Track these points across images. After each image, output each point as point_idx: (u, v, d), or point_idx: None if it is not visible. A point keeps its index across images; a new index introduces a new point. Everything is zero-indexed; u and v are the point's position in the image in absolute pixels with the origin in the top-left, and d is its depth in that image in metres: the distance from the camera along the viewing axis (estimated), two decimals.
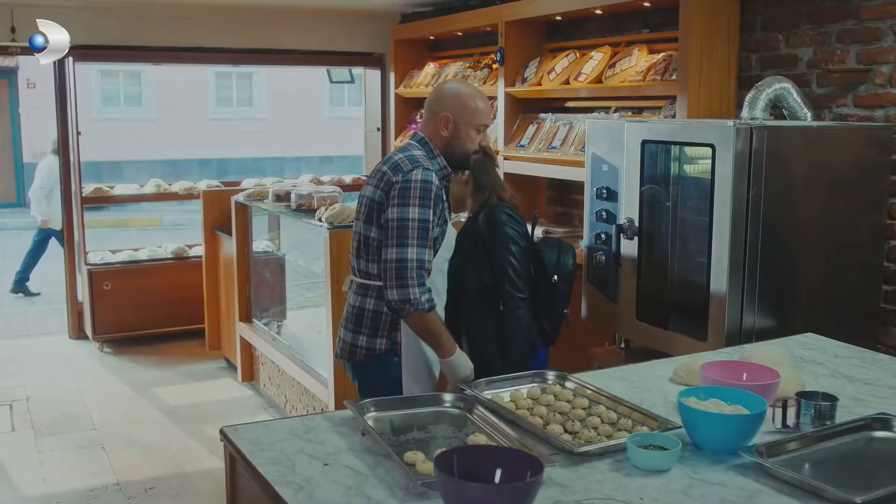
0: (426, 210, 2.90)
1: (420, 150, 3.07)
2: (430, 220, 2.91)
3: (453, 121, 3.07)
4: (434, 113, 3.11)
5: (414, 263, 2.86)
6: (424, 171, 2.94)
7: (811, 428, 2.26)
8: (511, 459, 1.89)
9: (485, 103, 3.14)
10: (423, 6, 7.10)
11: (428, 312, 2.90)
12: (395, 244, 2.87)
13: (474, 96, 3.13)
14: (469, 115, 3.08)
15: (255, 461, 2.09)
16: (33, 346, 7.30)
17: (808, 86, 4.15)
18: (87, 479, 4.69)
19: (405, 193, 2.90)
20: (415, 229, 2.87)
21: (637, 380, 2.76)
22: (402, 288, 2.85)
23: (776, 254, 3.49)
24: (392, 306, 2.90)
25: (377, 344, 3.08)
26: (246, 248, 6.10)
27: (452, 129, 3.08)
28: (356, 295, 3.12)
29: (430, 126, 3.12)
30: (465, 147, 3.11)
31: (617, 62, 5.00)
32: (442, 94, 3.16)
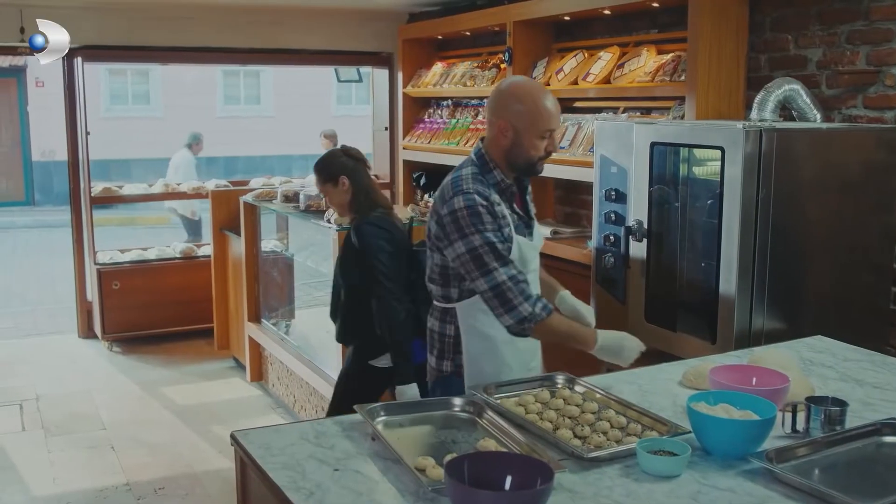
0: (485, 233, 2.75)
1: (473, 167, 2.87)
2: (493, 240, 2.76)
3: (513, 129, 2.81)
4: (492, 119, 2.86)
5: (509, 283, 2.75)
6: (465, 196, 2.77)
7: (821, 433, 2.26)
8: (521, 466, 1.90)
9: (551, 105, 2.82)
10: (430, 6, 7.10)
11: (549, 319, 2.80)
12: (479, 275, 2.77)
13: (537, 99, 2.81)
14: (532, 121, 2.80)
15: (266, 466, 2.10)
16: (43, 346, 7.33)
17: (817, 87, 4.14)
18: (97, 479, 4.71)
19: (458, 225, 2.77)
20: (488, 253, 2.75)
21: (646, 383, 2.76)
22: (512, 310, 2.76)
23: (785, 256, 3.49)
24: (513, 331, 2.81)
25: (444, 366, 3.00)
26: (254, 248, 6.12)
27: (513, 138, 2.82)
28: (428, 316, 3.07)
29: (490, 134, 2.88)
30: (528, 155, 2.84)
31: (625, 62, 4.99)
32: (501, 99, 2.86)
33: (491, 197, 2.81)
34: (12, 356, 7.02)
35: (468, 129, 6.53)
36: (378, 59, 7.80)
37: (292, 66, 10.09)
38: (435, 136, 6.91)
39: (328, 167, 3.89)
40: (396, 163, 7.62)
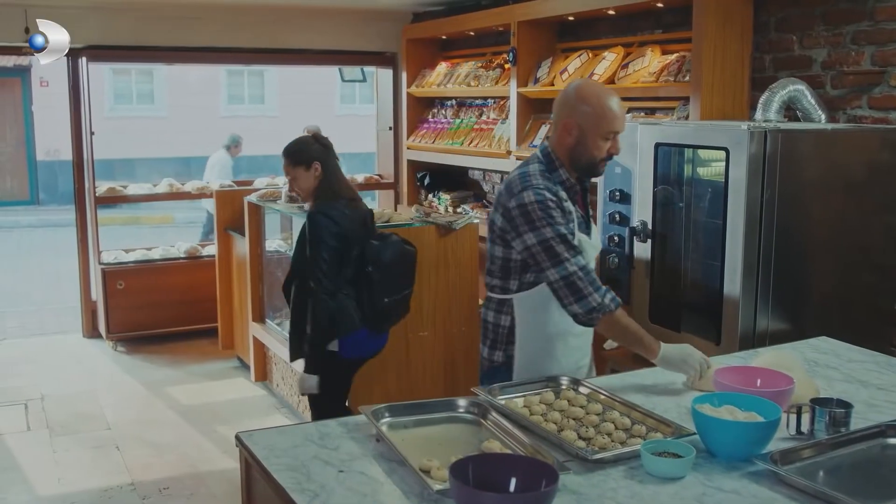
0: (556, 225, 2.80)
1: (540, 164, 2.93)
2: (564, 232, 2.80)
3: (578, 128, 2.85)
4: (559, 118, 2.91)
5: (579, 273, 2.79)
6: (535, 190, 2.82)
7: (826, 435, 2.26)
8: (526, 468, 1.90)
9: (616, 107, 2.86)
10: (435, 6, 7.10)
11: (616, 312, 2.82)
12: (550, 265, 2.79)
13: (603, 100, 2.85)
14: (596, 121, 2.84)
15: (271, 467, 2.11)
16: (47, 345, 7.34)
17: (822, 87, 4.13)
18: (102, 479, 4.72)
19: (528, 218, 2.81)
20: (559, 244, 2.79)
21: (650, 384, 2.76)
22: (582, 300, 2.78)
23: (790, 256, 3.49)
24: (581, 320, 2.83)
25: (495, 356, 3.04)
26: (259, 248, 6.12)
27: (577, 136, 2.86)
28: (483, 308, 3.11)
29: (555, 133, 2.92)
30: (591, 155, 2.88)
31: (630, 63, 4.99)
32: (567, 99, 2.90)
33: (559, 193, 2.87)
34: (17, 356, 7.03)
35: (472, 129, 6.53)
36: (382, 58, 7.80)
37: (296, 65, 10.09)
38: (439, 136, 6.91)
39: (303, 151, 3.97)
40: (400, 163, 7.62)
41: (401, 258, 3.97)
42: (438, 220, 4.83)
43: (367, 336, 3.95)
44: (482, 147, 6.25)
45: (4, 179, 17.57)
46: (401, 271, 3.98)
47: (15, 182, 17.71)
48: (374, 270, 3.86)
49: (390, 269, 3.90)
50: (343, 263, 3.82)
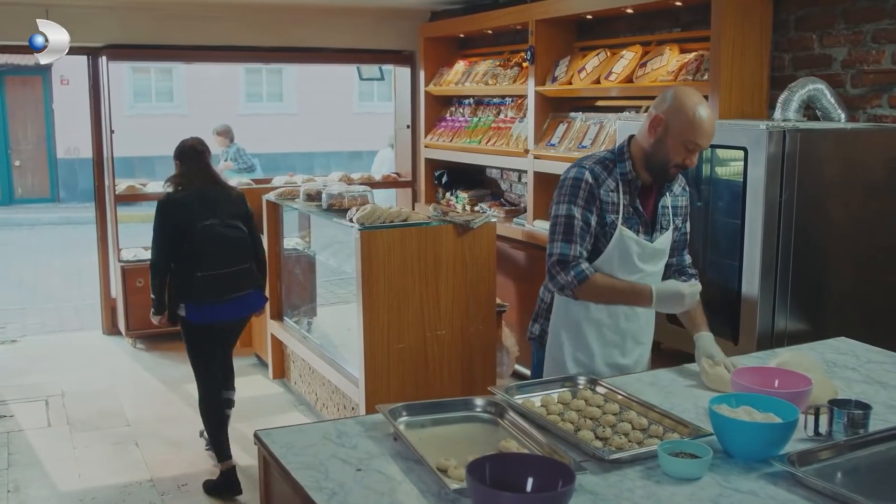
0: (571, 206, 2.93)
1: (610, 153, 3.04)
2: (575, 215, 2.92)
3: (665, 125, 2.88)
4: (652, 111, 2.95)
5: (555, 258, 2.95)
6: (579, 168, 2.97)
7: (844, 436, 2.26)
8: (543, 468, 1.90)
9: (707, 122, 2.85)
10: (453, 4, 7.10)
11: (588, 281, 2.92)
12: (549, 241, 3.00)
13: (699, 111, 2.84)
14: (683, 125, 2.85)
15: (289, 466, 2.12)
16: (67, 342, 7.40)
17: (842, 86, 4.11)
18: (122, 475, 4.75)
19: (560, 192, 2.99)
20: (560, 225, 2.95)
21: (667, 384, 2.76)
22: (551, 280, 3.00)
23: (808, 257, 3.47)
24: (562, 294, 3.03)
25: (534, 328, 3.26)
26: (277, 246, 6.15)
27: (661, 133, 2.89)
28: None
29: (643, 125, 2.97)
30: (666, 156, 2.90)
31: (648, 61, 4.98)
32: (667, 97, 2.93)
33: (606, 181, 2.95)
34: (38, 352, 7.09)
35: (490, 128, 6.53)
36: (400, 57, 7.81)
37: (314, 64, 10.10)
38: (457, 135, 6.92)
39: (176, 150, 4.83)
40: (418, 161, 7.63)
41: (217, 239, 4.45)
42: (456, 219, 4.83)
43: (200, 305, 4.49)
44: (500, 146, 6.26)
45: (26, 177, 17.71)
46: (216, 251, 4.45)
47: (36, 180, 17.85)
48: (190, 249, 4.43)
49: (205, 249, 4.41)
50: (175, 242, 4.46)
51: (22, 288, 9.98)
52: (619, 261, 2.97)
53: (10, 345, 7.37)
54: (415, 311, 4.68)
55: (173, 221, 4.47)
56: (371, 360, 4.63)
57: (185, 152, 4.74)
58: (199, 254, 4.42)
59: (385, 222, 4.69)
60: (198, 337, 4.62)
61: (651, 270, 3.04)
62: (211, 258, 4.44)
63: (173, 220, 4.47)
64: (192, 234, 4.41)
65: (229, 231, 4.52)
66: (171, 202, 4.54)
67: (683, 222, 3.15)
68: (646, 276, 3.01)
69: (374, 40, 7.63)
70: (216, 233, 4.46)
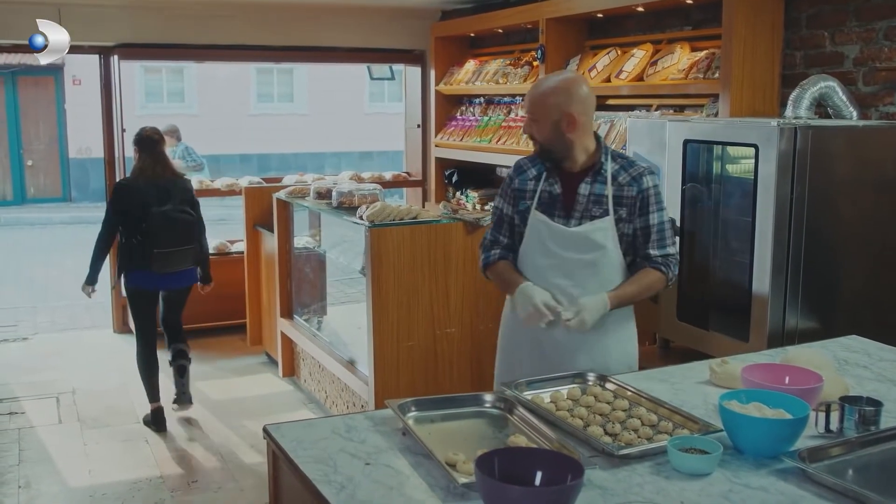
0: (497, 197, 3.26)
1: None
2: (497, 205, 3.23)
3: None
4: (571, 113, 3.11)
5: (482, 241, 3.29)
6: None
7: (855, 433, 2.24)
8: (551, 462, 1.90)
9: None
10: (463, 3, 7.10)
11: (490, 267, 3.22)
12: None
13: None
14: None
15: (298, 459, 2.12)
16: (79, 340, 7.43)
17: (854, 84, 4.09)
18: (132, 472, 4.76)
19: None
20: (491, 213, 3.29)
21: (677, 381, 2.75)
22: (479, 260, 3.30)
23: (820, 254, 3.46)
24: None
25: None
26: (287, 244, 6.15)
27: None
28: None
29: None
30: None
31: (658, 60, 4.97)
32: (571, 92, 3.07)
33: (528, 171, 3.14)
34: (49, 350, 7.12)
35: (500, 127, 6.53)
36: (411, 56, 7.82)
37: (325, 63, 10.11)
38: (467, 134, 6.91)
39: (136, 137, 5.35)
40: (429, 160, 7.63)
41: (171, 222, 5.12)
42: (466, 217, 4.83)
43: (141, 274, 5.21)
44: (510, 145, 6.25)
45: (38, 177, 17.78)
46: (169, 232, 5.12)
47: (48, 179, 17.92)
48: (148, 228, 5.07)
49: (161, 229, 5.08)
50: (125, 221, 5.15)
51: (33, 286, 10.02)
52: (534, 243, 3.10)
53: (22, 342, 7.41)
54: (424, 308, 4.69)
55: (125, 205, 5.15)
56: (380, 357, 4.63)
57: (144, 140, 5.27)
58: (155, 233, 5.06)
59: (395, 220, 4.69)
60: (144, 301, 5.36)
61: (572, 257, 3.02)
62: (165, 237, 5.10)
63: (125, 204, 5.15)
64: (150, 217, 5.06)
65: (181, 215, 5.19)
66: (126, 188, 5.25)
67: (632, 214, 3.03)
68: (567, 262, 3.02)
69: (384, 39, 7.64)
70: (170, 217, 5.13)
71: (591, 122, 3.07)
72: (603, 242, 3.01)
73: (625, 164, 3.07)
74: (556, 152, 3.04)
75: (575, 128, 2.97)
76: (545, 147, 3.05)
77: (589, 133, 3.05)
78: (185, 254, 5.24)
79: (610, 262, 3.04)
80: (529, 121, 3.08)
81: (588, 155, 3.05)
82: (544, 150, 3.06)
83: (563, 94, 2.97)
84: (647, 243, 3.05)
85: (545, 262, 3.06)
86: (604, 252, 3.02)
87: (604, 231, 3.01)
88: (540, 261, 3.07)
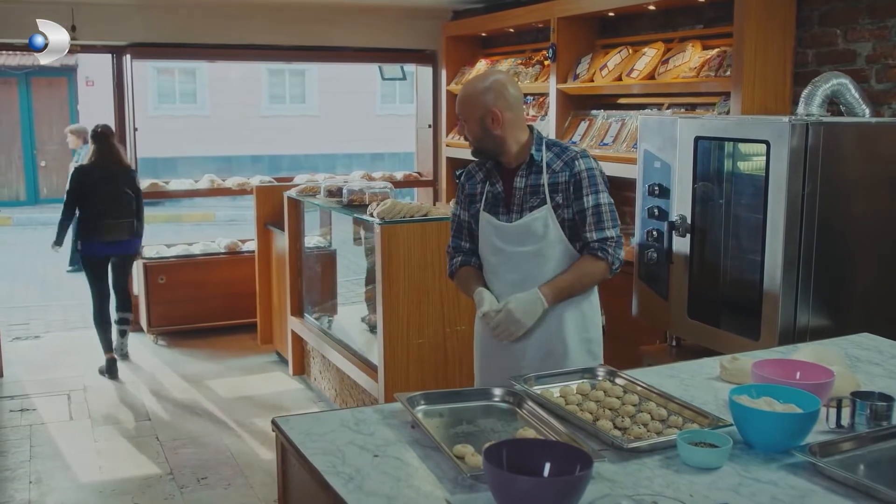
0: (454, 204, 3.33)
1: None
2: (454, 212, 3.31)
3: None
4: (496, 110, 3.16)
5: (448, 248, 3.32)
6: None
7: (866, 428, 2.22)
8: (560, 453, 1.89)
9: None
10: (475, 3, 7.10)
11: (455, 274, 3.28)
12: None
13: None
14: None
15: (306, 451, 2.12)
16: (90, 338, 7.40)
17: (866, 81, 4.07)
18: (142, 468, 4.78)
19: None
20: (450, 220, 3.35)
21: (687, 377, 2.74)
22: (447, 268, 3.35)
23: (831, 252, 3.44)
24: None
25: None
26: (298, 242, 6.16)
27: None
28: None
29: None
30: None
31: (670, 58, 4.95)
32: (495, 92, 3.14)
33: (476, 174, 3.21)
34: (61, 348, 7.16)
35: None
36: (422, 56, 7.82)
37: (337, 63, 10.13)
38: None
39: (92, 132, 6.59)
40: (440, 160, 7.64)
41: (116, 200, 6.38)
42: None
43: (91, 243, 6.39)
44: None
45: (51, 177, 17.85)
46: (114, 208, 6.37)
47: (61, 180, 17.92)
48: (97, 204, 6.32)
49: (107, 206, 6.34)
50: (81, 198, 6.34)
51: (46, 285, 10.08)
52: (485, 243, 3.17)
53: (34, 340, 7.45)
54: (434, 306, 4.68)
55: (81, 185, 6.34)
56: (390, 354, 4.63)
57: (98, 135, 6.47)
58: (103, 209, 6.31)
59: (406, 217, 4.69)
60: (95, 268, 6.48)
61: (514, 249, 3.06)
62: (112, 212, 6.35)
63: (81, 185, 6.34)
64: (99, 196, 6.30)
65: (124, 196, 6.43)
66: (83, 172, 6.44)
67: (568, 199, 3.04)
68: (513, 256, 3.07)
69: (396, 39, 7.65)
70: (116, 195, 6.38)
71: (518, 116, 3.09)
72: (543, 232, 3.04)
73: (558, 151, 3.10)
74: (489, 150, 3.10)
75: (500, 124, 3.03)
76: (477, 146, 3.12)
77: (519, 127, 3.09)
78: (127, 226, 6.46)
79: (555, 251, 3.05)
80: (461, 124, 3.16)
81: (522, 148, 3.09)
82: (477, 150, 3.14)
83: (485, 94, 3.03)
84: (585, 227, 3.05)
85: (495, 259, 3.14)
86: (546, 241, 3.05)
87: (542, 220, 3.04)
88: (491, 258, 3.16)
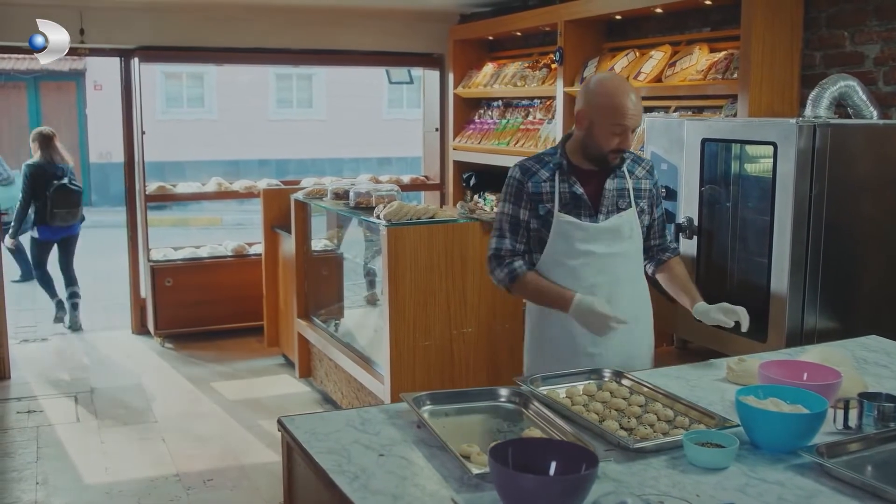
0: (505, 203, 3.10)
1: (550, 148, 3.19)
2: (507, 212, 3.09)
3: (589, 119, 2.96)
4: (576, 107, 3.03)
5: (491, 252, 3.13)
6: (513, 168, 3.10)
7: (874, 429, 2.22)
8: (566, 452, 1.89)
9: (629, 103, 2.90)
10: (481, 6, 7.11)
11: (518, 280, 3.05)
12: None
13: (615, 95, 2.91)
14: (604, 114, 2.92)
15: (312, 450, 2.12)
16: (97, 341, 7.47)
17: (874, 84, 4.06)
18: (148, 470, 4.78)
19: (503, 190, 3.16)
20: (497, 221, 3.12)
21: (694, 378, 2.74)
22: (491, 274, 3.14)
23: (838, 254, 3.43)
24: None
25: None
26: (305, 245, 6.16)
27: (587, 127, 2.97)
28: None
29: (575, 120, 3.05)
30: (599, 146, 2.96)
31: (677, 61, 4.95)
32: (586, 89, 3.01)
33: (538, 173, 3.05)
34: (68, 350, 7.17)
35: (518, 130, 6.52)
36: (429, 60, 7.83)
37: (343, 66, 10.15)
38: (485, 137, 6.91)
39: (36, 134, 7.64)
40: (447, 163, 7.64)
41: (66, 192, 7.50)
42: (483, 217, 4.82)
43: (46, 228, 7.58)
44: (528, 147, 6.23)
45: None
46: (65, 198, 7.51)
47: None
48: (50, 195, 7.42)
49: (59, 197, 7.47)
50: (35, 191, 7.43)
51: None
52: (561, 245, 3.03)
53: (42, 343, 7.46)
54: (441, 308, 4.68)
55: (35, 180, 7.41)
56: (397, 357, 4.63)
57: (44, 137, 7.54)
58: (55, 199, 7.41)
59: (412, 219, 4.69)
60: (46, 249, 7.81)
61: (602, 251, 3.03)
62: (62, 202, 7.48)
63: (35, 180, 7.42)
64: (52, 188, 7.39)
65: (73, 187, 7.56)
66: (36, 168, 7.47)
67: (650, 206, 3.16)
68: (601, 258, 3.02)
69: (403, 43, 7.65)
70: (66, 188, 7.49)
71: None
72: (629, 234, 3.07)
73: (635, 157, 3.15)
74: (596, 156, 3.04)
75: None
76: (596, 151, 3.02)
77: None
78: (75, 213, 7.66)
79: (637, 253, 3.13)
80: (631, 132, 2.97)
81: None
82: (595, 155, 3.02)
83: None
84: (656, 233, 3.21)
85: (576, 262, 3.03)
86: (631, 243, 3.08)
87: (630, 222, 3.07)
88: (571, 262, 3.03)
